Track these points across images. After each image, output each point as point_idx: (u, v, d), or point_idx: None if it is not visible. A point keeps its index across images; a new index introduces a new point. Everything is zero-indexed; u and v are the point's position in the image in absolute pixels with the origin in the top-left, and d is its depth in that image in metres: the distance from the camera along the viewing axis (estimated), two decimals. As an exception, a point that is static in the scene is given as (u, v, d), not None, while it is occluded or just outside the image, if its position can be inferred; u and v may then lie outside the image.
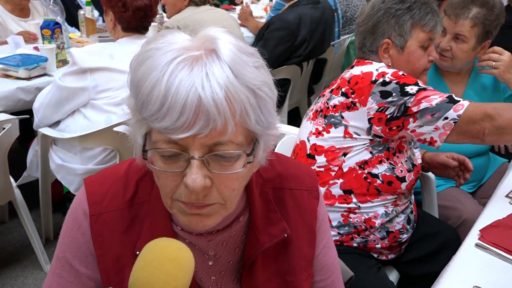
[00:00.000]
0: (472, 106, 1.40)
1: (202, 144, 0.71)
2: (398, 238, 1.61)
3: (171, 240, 0.72)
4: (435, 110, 1.39)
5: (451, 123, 1.39)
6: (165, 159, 0.74)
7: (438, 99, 1.40)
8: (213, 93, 0.68)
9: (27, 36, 3.21)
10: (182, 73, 0.69)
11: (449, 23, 1.94)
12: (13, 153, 2.23)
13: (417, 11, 1.53)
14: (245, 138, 0.74)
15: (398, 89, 1.42)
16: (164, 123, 0.69)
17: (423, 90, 1.42)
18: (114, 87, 2.10)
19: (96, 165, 2.22)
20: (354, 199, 1.54)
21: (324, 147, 1.55)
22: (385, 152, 1.52)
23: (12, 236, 2.67)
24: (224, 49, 0.71)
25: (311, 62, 3.41)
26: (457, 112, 1.39)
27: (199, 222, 0.78)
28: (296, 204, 0.96)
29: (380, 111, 1.44)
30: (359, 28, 1.61)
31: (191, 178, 0.71)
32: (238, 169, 0.74)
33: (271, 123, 0.77)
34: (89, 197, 0.89)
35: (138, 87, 0.73)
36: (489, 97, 2.09)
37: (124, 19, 2.16)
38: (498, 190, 1.63)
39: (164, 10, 3.97)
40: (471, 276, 1.19)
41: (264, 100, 0.74)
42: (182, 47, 0.72)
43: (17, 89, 2.43)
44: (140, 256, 0.70)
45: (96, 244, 0.87)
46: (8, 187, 2.19)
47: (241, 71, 0.71)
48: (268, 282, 0.93)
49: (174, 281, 0.68)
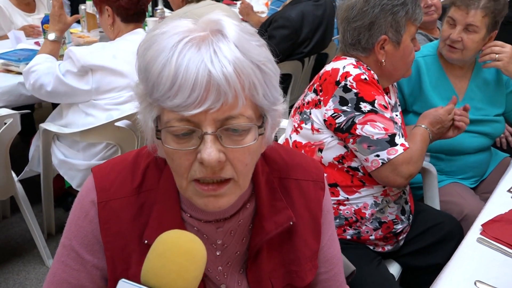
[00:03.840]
0: (402, 156, 1.46)
1: (214, 119, 0.73)
2: (392, 229, 1.62)
3: (183, 232, 0.73)
4: (373, 144, 1.46)
5: (379, 162, 1.46)
6: (178, 138, 0.75)
7: (380, 134, 1.46)
8: (223, 67, 0.70)
9: (31, 29, 3.21)
10: (191, 51, 0.71)
11: (460, 14, 1.93)
12: (14, 148, 2.23)
13: (410, 6, 1.54)
14: (254, 112, 0.77)
15: (354, 101, 1.47)
16: (177, 101, 0.71)
17: (374, 113, 1.47)
18: (117, 88, 2.10)
19: (99, 160, 2.23)
20: (341, 192, 1.56)
21: (302, 143, 1.60)
22: None
23: (14, 231, 2.67)
24: (229, 29, 0.74)
25: (312, 57, 3.40)
26: (388, 155, 1.45)
27: (215, 202, 0.79)
28: (301, 194, 0.96)
29: (333, 117, 1.50)
30: (352, 24, 1.57)
31: (206, 152, 0.73)
32: (249, 142, 0.77)
33: (276, 98, 0.80)
34: (97, 183, 0.89)
35: (147, 70, 0.75)
36: (492, 91, 2.09)
37: (122, 7, 2.15)
38: (500, 185, 1.63)
39: (165, 5, 3.96)
40: (473, 270, 1.19)
41: (269, 75, 0.77)
42: (188, 29, 0.74)
43: (18, 84, 2.42)
44: (152, 248, 0.70)
45: (103, 231, 0.87)
46: (10, 182, 2.19)
47: (247, 48, 0.74)
48: (273, 271, 0.94)
49: (186, 273, 0.68)
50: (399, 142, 1.47)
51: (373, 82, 1.50)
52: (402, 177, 1.48)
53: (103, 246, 0.88)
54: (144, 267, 0.69)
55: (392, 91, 1.74)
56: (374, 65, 1.59)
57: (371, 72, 1.53)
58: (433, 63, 2.06)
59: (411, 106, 2.09)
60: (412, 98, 2.07)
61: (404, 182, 1.50)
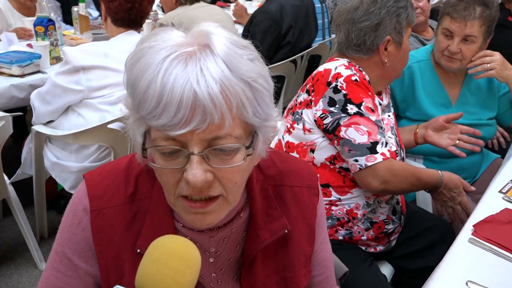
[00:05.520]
0: (382, 164, 1.46)
1: (200, 139, 0.71)
2: (383, 229, 1.63)
3: (178, 237, 0.72)
4: (353, 148, 1.47)
5: (357, 167, 1.48)
6: (165, 156, 0.74)
7: (363, 139, 1.47)
8: (208, 87, 0.68)
9: (22, 32, 3.19)
10: (177, 69, 0.69)
11: (457, 26, 1.91)
12: (6, 151, 2.22)
13: (410, 10, 1.59)
14: (243, 131, 0.75)
15: (342, 102, 1.48)
16: (162, 121, 0.69)
17: (359, 115, 1.48)
18: (110, 85, 2.09)
19: (91, 162, 2.21)
20: (333, 192, 1.57)
21: (294, 143, 1.61)
22: None
23: (6, 234, 2.66)
24: (218, 43, 0.72)
25: (305, 58, 3.41)
26: (366, 162, 1.46)
27: (203, 220, 0.79)
28: (296, 201, 0.96)
29: (321, 118, 1.51)
30: (358, 25, 1.57)
31: (192, 173, 0.72)
32: (238, 162, 0.75)
33: (268, 114, 0.78)
34: (89, 191, 0.88)
35: (134, 86, 0.73)
36: (484, 95, 2.10)
37: (112, 10, 2.15)
38: (492, 185, 1.64)
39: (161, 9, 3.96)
40: (465, 271, 1.20)
41: (260, 92, 0.74)
42: (176, 44, 0.72)
43: (11, 86, 2.41)
44: (147, 253, 0.70)
45: (96, 239, 0.87)
46: (2, 185, 2.18)
47: (236, 64, 0.71)
48: (267, 279, 0.94)
49: (181, 278, 0.67)
50: (380, 150, 1.47)
51: (363, 84, 1.51)
52: (378, 180, 1.46)
53: (96, 254, 0.88)
54: (138, 272, 0.69)
55: (386, 92, 1.75)
56: (375, 66, 1.61)
57: (362, 73, 1.54)
58: (427, 68, 2.07)
59: (403, 112, 2.09)
60: (405, 104, 2.08)
61: (378, 187, 1.48)
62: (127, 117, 0.80)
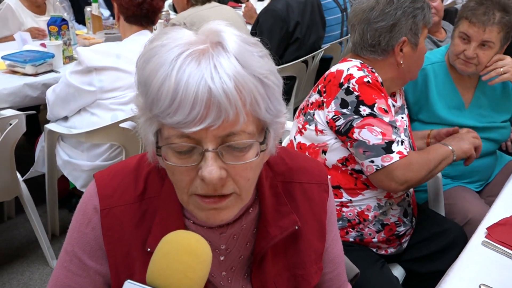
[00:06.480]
0: (399, 163, 1.44)
1: (215, 136, 0.71)
2: (395, 231, 1.62)
3: (189, 233, 0.73)
4: (368, 149, 1.46)
5: (373, 168, 1.46)
6: (179, 154, 0.74)
7: (377, 140, 1.45)
8: (223, 84, 0.69)
9: (36, 32, 3.23)
10: (190, 66, 0.69)
11: (475, 30, 1.87)
12: (20, 149, 2.24)
13: (426, 10, 1.57)
14: (256, 127, 0.75)
15: (354, 104, 1.47)
16: (176, 118, 0.69)
17: (372, 116, 1.46)
18: (122, 87, 2.10)
19: (103, 161, 2.23)
20: (345, 194, 1.56)
21: (306, 144, 1.60)
22: None
23: (19, 231, 2.68)
24: (229, 40, 0.72)
25: (316, 58, 3.40)
26: (383, 162, 1.44)
27: (216, 216, 0.79)
28: (305, 197, 0.96)
29: (333, 119, 1.50)
30: (373, 25, 1.56)
31: (207, 170, 0.72)
32: (251, 158, 0.75)
33: (279, 111, 0.79)
34: (99, 190, 0.89)
35: (146, 84, 0.73)
36: (498, 98, 2.07)
37: (123, 6, 2.16)
38: (505, 188, 1.62)
39: (173, 9, 3.98)
40: (478, 274, 1.19)
41: (271, 88, 0.75)
42: (188, 42, 0.72)
43: (24, 85, 2.44)
44: (158, 248, 0.70)
45: (106, 238, 0.87)
46: (15, 183, 2.20)
47: (248, 61, 0.72)
48: (277, 276, 0.93)
49: (192, 273, 0.67)
50: (396, 149, 1.45)
51: (376, 85, 1.50)
52: (397, 182, 1.45)
53: (106, 253, 0.88)
54: (149, 267, 0.69)
55: (400, 93, 1.74)
56: (390, 67, 1.59)
57: (375, 74, 1.53)
58: (441, 70, 2.05)
59: (416, 114, 2.07)
60: (418, 107, 2.06)
61: (399, 188, 1.47)
62: (138, 116, 0.80)
